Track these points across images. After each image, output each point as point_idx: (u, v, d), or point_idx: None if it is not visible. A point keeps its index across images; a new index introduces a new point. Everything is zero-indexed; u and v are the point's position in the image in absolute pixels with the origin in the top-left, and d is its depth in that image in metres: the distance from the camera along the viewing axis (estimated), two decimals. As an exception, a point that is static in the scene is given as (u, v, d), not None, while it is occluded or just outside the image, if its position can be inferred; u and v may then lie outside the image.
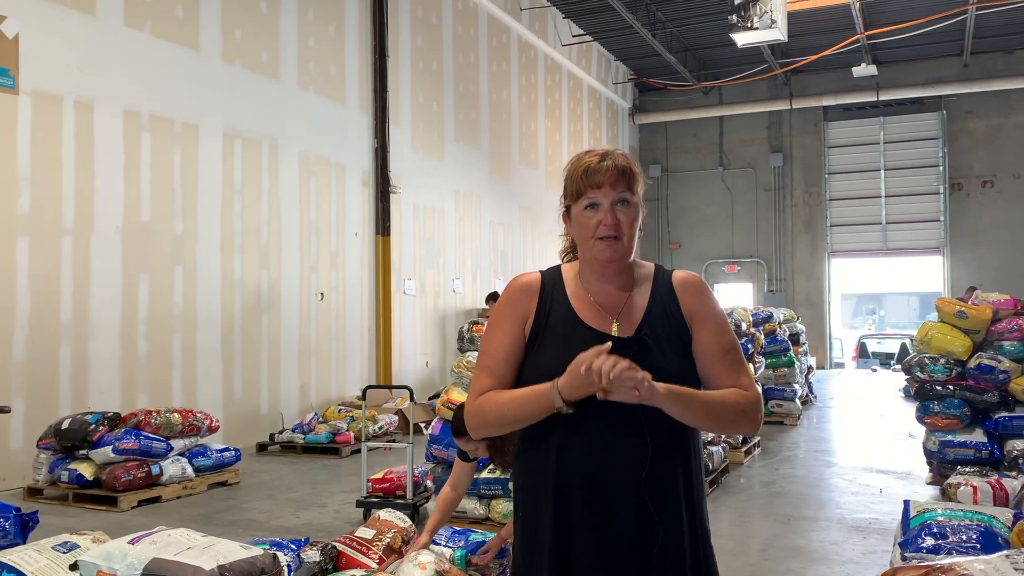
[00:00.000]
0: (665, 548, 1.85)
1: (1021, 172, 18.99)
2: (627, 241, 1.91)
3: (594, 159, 1.93)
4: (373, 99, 11.71)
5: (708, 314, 1.96)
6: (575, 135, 18.19)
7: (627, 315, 1.94)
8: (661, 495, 1.86)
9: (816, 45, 17.19)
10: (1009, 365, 6.62)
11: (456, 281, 13.65)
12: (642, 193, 1.96)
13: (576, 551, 1.87)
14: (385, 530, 4.46)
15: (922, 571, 1.40)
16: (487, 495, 5.64)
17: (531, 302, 1.98)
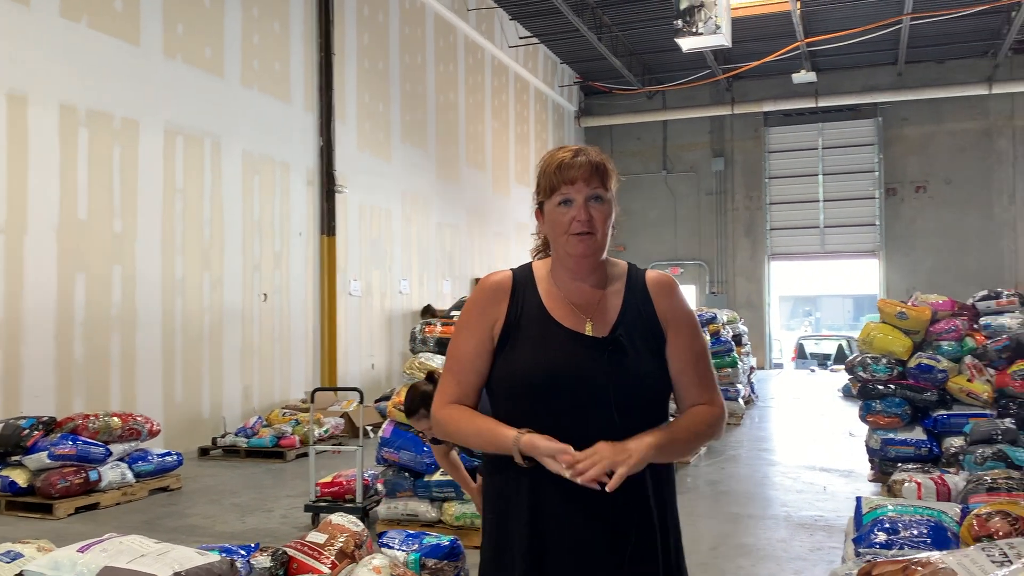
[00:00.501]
0: (638, 548, 1.84)
1: (952, 178, 19.63)
2: (600, 237, 1.89)
3: (567, 155, 1.90)
4: (318, 97, 11.54)
5: (682, 318, 1.95)
6: (522, 137, 18.22)
7: (601, 314, 1.91)
8: (634, 494, 1.84)
9: (758, 52, 17.52)
10: (947, 364, 6.81)
11: (403, 282, 13.54)
12: (616, 190, 1.93)
13: (550, 550, 1.85)
14: (337, 534, 4.37)
15: (900, 566, 1.40)
16: (439, 497, 5.59)
17: (501, 302, 1.94)
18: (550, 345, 1.83)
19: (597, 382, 1.81)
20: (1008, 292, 7.28)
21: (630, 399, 1.84)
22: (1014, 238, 19.21)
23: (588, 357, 1.83)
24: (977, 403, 6.63)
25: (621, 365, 1.82)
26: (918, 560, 1.42)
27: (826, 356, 21.32)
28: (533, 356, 1.84)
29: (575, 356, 1.84)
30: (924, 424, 6.80)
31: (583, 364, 1.83)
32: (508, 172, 17.48)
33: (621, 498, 1.81)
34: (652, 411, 1.91)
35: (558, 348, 1.82)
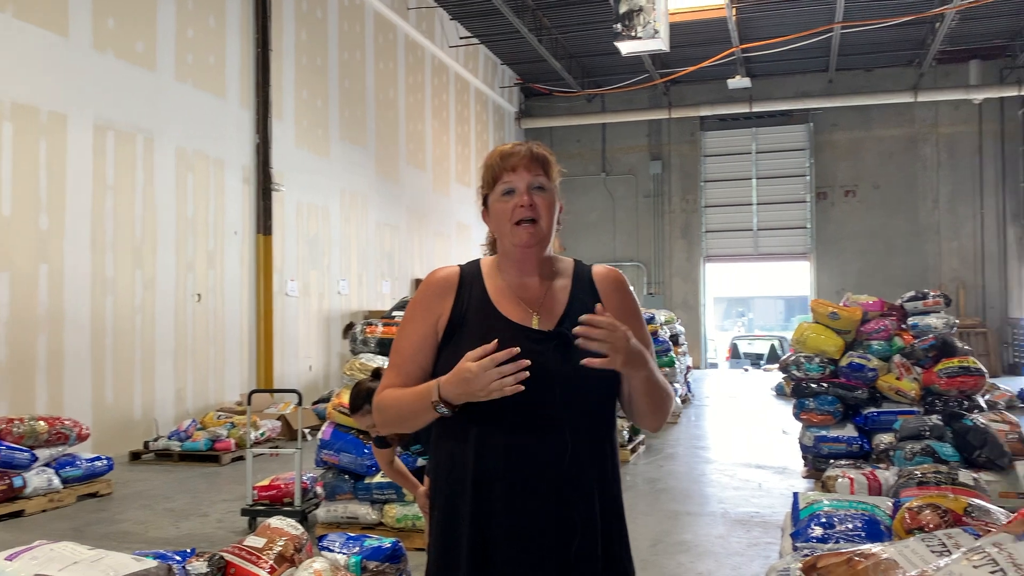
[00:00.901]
0: (583, 544, 1.84)
1: (880, 183, 20.25)
2: (545, 226, 1.90)
3: (509, 146, 1.94)
4: (255, 93, 11.34)
5: (630, 313, 1.96)
6: (462, 137, 18.19)
7: (547, 308, 1.92)
8: (579, 491, 1.84)
9: (694, 57, 17.80)
10: (877, 363, 7.01)
11: (341, 283, 13.38)
12: (558, 184, 1.94)
13: (496, 546, 1.84)
14: (276, 538, 4.29)
15: (844, 558, 1.43)
16: (380, 500, 5.53)
17: (447, 297, 1.94)
18: (493, 338, 1.81)
19: (544, 377, 1.79)
20: (934, 293, 7.53)
21: (576, 393, 1.84)
22: (938, 241, 19.90)
23: (531, 350, 1.79)
24: (905, 400, 6.84)
25: (567, 358, 1.81)
26: (861, 552, 1.45)
27: (759, 356, 21.79)
28: None
29: (523, 349, 1.80)
30: (855, 421, 6.99)
31: (529, 358, 1.79)
32: (449, 172, 17.43)
33: (568, 493, 1.82)
34: (599, 406, 1.91)
35: (504, 343, 1.79)
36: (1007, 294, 19.62)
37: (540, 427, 1.82)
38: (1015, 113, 19.38)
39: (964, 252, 19.83)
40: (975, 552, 1.15)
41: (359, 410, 3.94)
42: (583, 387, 1.85)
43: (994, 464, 4.91)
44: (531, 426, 1.82)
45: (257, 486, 6.00)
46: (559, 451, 1.82)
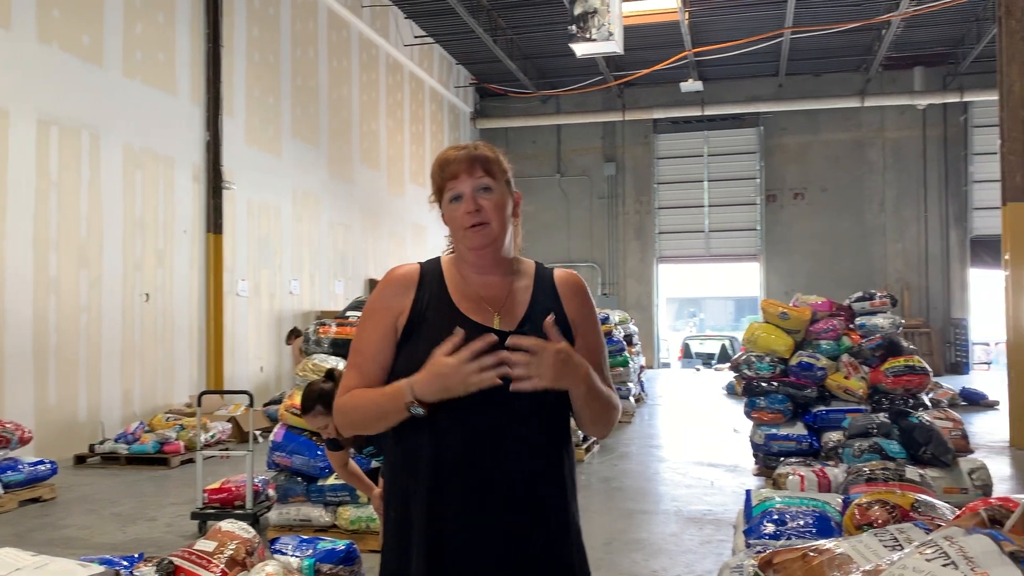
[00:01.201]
0: (542, 544, 1.83)
1: (828, 186, 20.65)
2: (496, 227, 1.88)
3: (451, 152, 1.92)
4: (205, 90, 11.14)
5: (590, 318, 1.98)
6: (417, 136, 18.10)
7: (509, 309, 1.91)
8: (538, 490, 1.84)
9: (648, 60, 17.96)
10: (826, 362, 7.15)
11: (293, 282, 13.22)
12: (508, 181, 1.93)
13: (450, 548, 1.82)
14: (227, 542, 4.22)
15: (799, 554, 1.45)
16: (333, 502, 5.47)
17: (407, 295, 1.92)
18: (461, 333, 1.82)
19: (505, 377, 1.77)
20: (881, 294, 7.71)
21: (536, 393, 1.81)
22: (883, 243, 20.37)
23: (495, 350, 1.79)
24: (853, 399, 6.99)
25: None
26: (815, 547, 1.47)
27: (710, 355, 22.08)
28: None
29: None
30: (805, 419, 7.12)
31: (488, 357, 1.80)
32: (403, 171, 17.33)
33: (526, 494, 1.81)
34: (557, 407, 1.91)
35: (465, 342, 1.79)
36: (949, 295, 20.17)
37: (500, 428, 1.81)
38: (957, 119, 19.92)
39: (908, 254, 20.33)
40: (927, 546, 1.17)
41: (310, 411, 3.87)
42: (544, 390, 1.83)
43: (939, 461, 5.03)
44: (491, 427, 1.81)
45: (207, 489, 5.89)
46: (519, 452, 1.81)
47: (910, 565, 1.13)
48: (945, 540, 1.15)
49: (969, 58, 17.92)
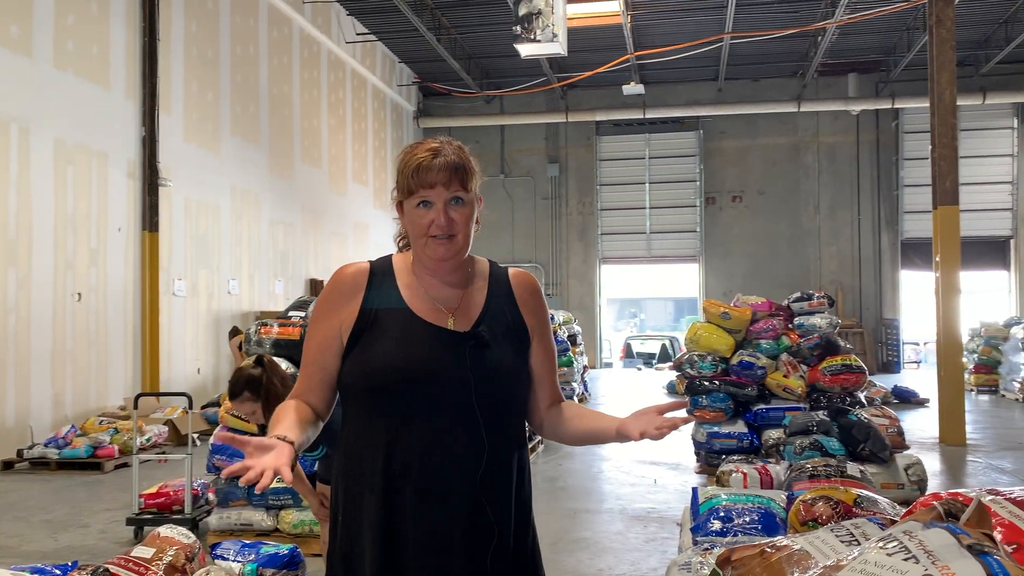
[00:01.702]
0: (498, 550, 1.80)
1: (765, 189, 21.08)
2: (462, 239, 1.84)
3: (426, 156, 1.82)
4: (141, 85, 10.85)
5: (544, 319, 1.99)
6: (359, 134, 17.91)
7: (464, 310, 1.88)
8: (495, 491, 1.81)
9: (591, 62, 18.08)
10: (766, 361, 7.29)
11: (232, 282, 12.96)
12: (478, 188, 1.89)
13: (405, 554, 1.78)
14: (166, 548, 4.10)
15: (757, 550, 1.46)
16: (275, 505, 5.38)
17: (355, 295, 1.87)
18: (410, 340, 1.80)
19: (459, 377, 1.77)
20: (818, 294, 7.88)
21: (492, 395, 1.81)
22: (818, 245, 20.87)
23: (450, 352, 1.79)
24: (792, 397, 7.13)
25: (483, 360, 1.80)
26: (773, 544, 1.48)
27: (651, 355, 22.34)
28: (393, 351, 1.79)
29: (437, 351, 1.80)
30: (746, 418, 7.24)
31: (445, 359, 1.79)
32: (345, 170, 17.13)
33: (483, 497, 1.79)
34: (513, 408, 1.90)
35: (419, 343, 1.79)
36: (881, 296, 20.76)
37: (455, 429, 1.78)
38: (889, 125, 20.52)
39: (842, 256, 20.87)
40: (888, 540, 1.19)
41: (237, 396, 3.88)
42: (499, 390, 1.83)
43: (876, 457, 5.16)
44: (446, 428, 1.78)
45: (144, 494, 5.73)
46: (475, 454, 1.78)
47: (871, 560, 1.14)
48: (904, 535, 1.17)
49: (900, 66, 18.47)
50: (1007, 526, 1.32)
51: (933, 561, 1.07)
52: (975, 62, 18.80)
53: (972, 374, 15.26)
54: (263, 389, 3.86)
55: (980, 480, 7.64)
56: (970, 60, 18.57)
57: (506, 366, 1.84)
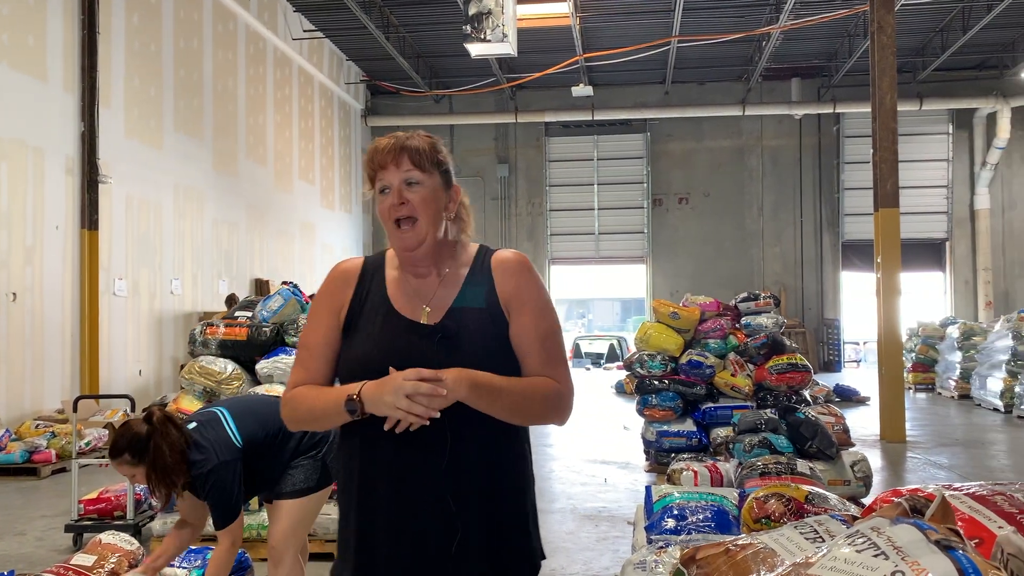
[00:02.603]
0: (465, 541, 1.78)
1: (711, 191, 21.38)
2: (424, 224, 1.83)
3: (382, 140, 1.87)
4: (80, 78, 10.54)
5: (526, 298, 1.89)
6: (306, 132, 17.68)
7: (439, 302, 1.87)
8: (460, 486, 1.79)
9: (540, 63, 18.14)
10: (714, 361, 7.37)
11: (175, 282, 12.67)
12: (446, 172, 1.90)
13: (379, 543, 1.81)
14: (108, 555, 4.00)
15: (722, 548, 1.46)
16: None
17: (347, 289, 1.91)
18: (384, 333, 1.83)
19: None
20: (765, 294, 8.00)
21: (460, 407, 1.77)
22: (762, 247, 21.25)
23: (418, 345, 1.80)
24: (739, 396, 7.23)
25: (452, 352, 1.78)
26: (737, 542, 1.48)
27: (599, 355, 22.48)
28: (371, 344, 1.83)
29: (406, 344, 1.81)
30: (694, 416, 7.31)
31: (413, 352, 1.79)
32: (292, 168, 16.88)
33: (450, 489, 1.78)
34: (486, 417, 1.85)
35: (391, 336, 1.82)
36: (823, 296, 21.22)
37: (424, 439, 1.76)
38: (831, 129, 20.99)
39: (785, 257, 21.27)
40: (856, 537, 1.19)
41: (117, 458, 3.30)
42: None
43: (824, 454, 5.26)
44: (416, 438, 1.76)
45: (84, 499, 5.55)
46: (440, 444, 1.77)
47: (841, 556, 1.15)
48: (872, 531, 1.17)
49: (842, 71, 18.90)
50: (967, 521, 1.34)
51: (903, 557, 1.08)
52: (912, 69, 19.34)
53: (910, 373, 15.69)
54: (148, 454, 3.23)
55: (920, 476, 7.85)
56: (908, 67, 19.10)
57: (477, 357, 1.79)
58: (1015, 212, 20.63)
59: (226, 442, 3.36)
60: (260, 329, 5.58)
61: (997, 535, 1.25)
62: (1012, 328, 12.57)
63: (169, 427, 3.27)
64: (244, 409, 3.57)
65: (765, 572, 1.30)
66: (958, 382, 14.22)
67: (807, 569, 1.16)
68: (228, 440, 3.37)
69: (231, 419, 3.45)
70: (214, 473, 3.26)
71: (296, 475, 3.51)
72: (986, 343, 13.41)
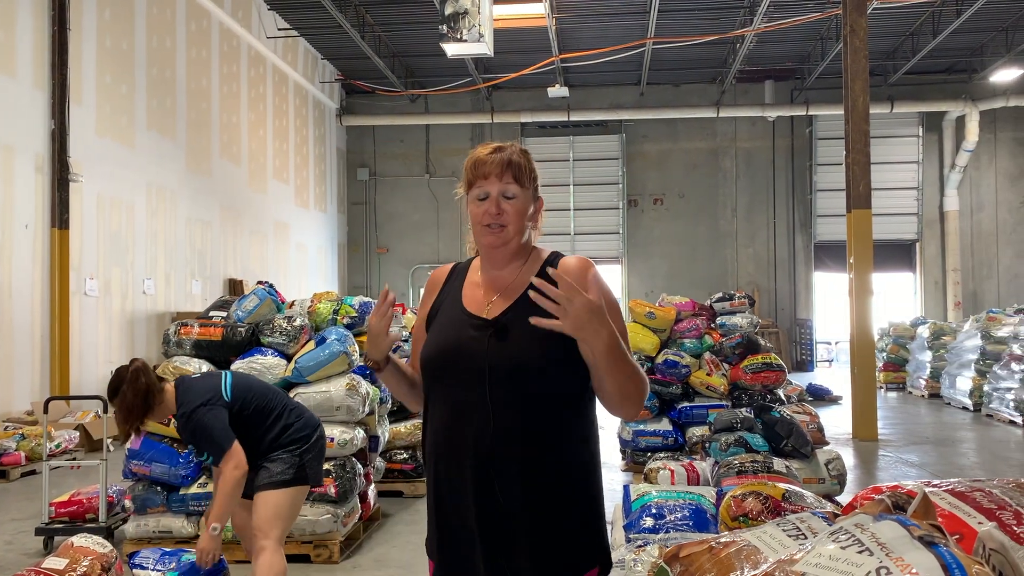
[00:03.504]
0: (507, 513, 1.87)
1: (685, 192, 21.50)
2: (512, 230, 2.02)
3: (485, 151, 2.06)
4: (51, 75, 10.39)
5: None
6: (280, 131, 17.55)
7: (502, 299, 2.02)
8: (504, 476, 1.87)
9: (516, 64, 18.14)
10: (689, 360, 7.41)
11: (147, 282, 12.53)
12: (536, 187, 2.09)
13: (444, 514, 1.98)
14: (80, 558, 3.94)
15: (705, 546, 1.47)
16: (196, 512, 5.20)
17: (434, 292, 2.16)
18: (448, 327, 2.02)
19: (476, 362, 1.91)
20: (739, 294, 8.06)
21: (509, 380, 1.89)
22: (735, 247, 21.41)
23: (472, 338, 1.95)
24: (715, 395, 7.28)
25: (500, 346, 1.91)
26: (720, 539, 1.49)
27: (575, 356, 22.49)
28: (434, 337, 2.04)
29: (462, 337, 1.97)
30: (670, 416, 7.35)
31: (466, 344, 1.95)
32: (266, 167, 16.75)
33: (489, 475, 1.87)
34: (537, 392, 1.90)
35: (452, 330, 2.00)
36: (796, 297, 21.42)
37: (467, 410, 1.92)
38: (803, 131, 21.19)
39: (759, 258, 21.44)
40: (840, 533, 1.20)
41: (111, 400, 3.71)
42: (515, 374, 1.89)
43: (799, 452, 5.30)
44: (460, 409, 1.93)
45: (55, 502, 5.48)
46: (481, 433, 1.88)
47: (826, 553, 1.16)
48: (856, 527, 1.18)
49: (815, 74, 19.09)
50: (947, 517, 1.35)
51: (887, 553, 1.09)
52: (884, 72, 19.58)
53: (881, 372, 15.88)
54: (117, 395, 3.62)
55: (892, 474, 7.94)
56: (879, 70, 19.33)
57: (524, 354, 1.89)
58: (983, 214, 20.95)
59: (215, 390, 3.69)
60: (235, 329, 5.53)
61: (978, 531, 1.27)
62: (980, 328, 12.77)
63: (139, 375, 3.61)
64: (245, 380, 3.90)
65: (749, 569, 1.31)
66: (928, 381, 14.41)
67: (792, 566, 1.17)
68: (218, 390, 3.70)
69: (230, 380, 3.80)
70: (196, 413, 3.58)
71: (273, 467, 3.70)
72: (955, 343, 13.61)
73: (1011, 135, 20.76)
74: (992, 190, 20.93)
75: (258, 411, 3.74)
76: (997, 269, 20.91)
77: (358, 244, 21.85)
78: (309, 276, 18.94)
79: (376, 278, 21.72)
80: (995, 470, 8.20)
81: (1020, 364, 11.07)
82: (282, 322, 5.51)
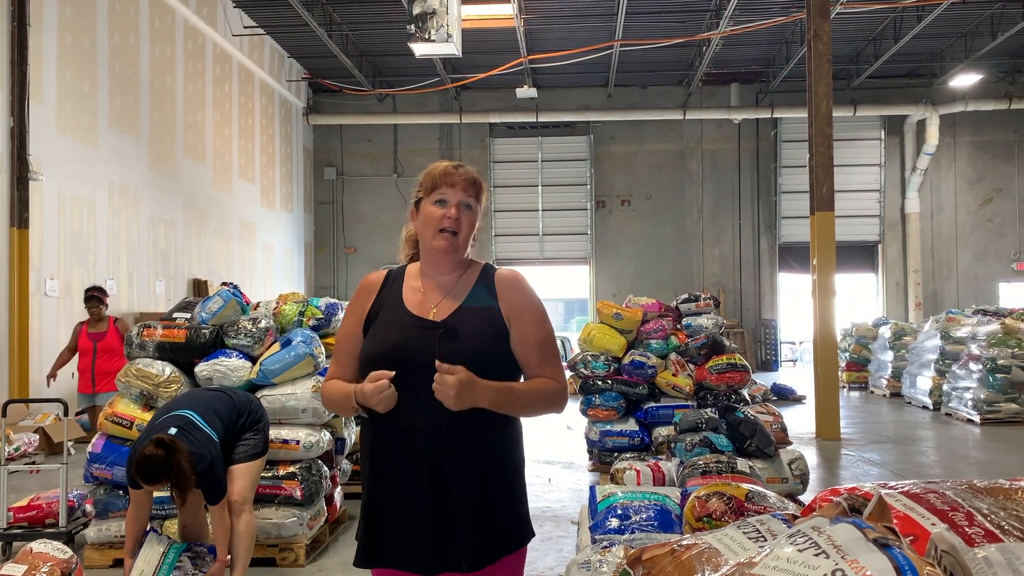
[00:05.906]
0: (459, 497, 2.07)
1: (652, 193, 21.65)
2: (462, 239, 2.22)
3: (452, 165, 2.26)
4: (9, 72, 10.20)
5: (525, 309, 2.25)
6: (246, 130, 17.38)
7: (447, 304, 2.21)
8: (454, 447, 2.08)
9: (484, 64, 18.15)
10: (656, 361, 7.47)
11: (110, 282, 12.33)
12: (483, 206, 2.29)
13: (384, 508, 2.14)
14: (40, 564, 3.88)
15: (667, 549, 1.48)
16: (159, 515, 5.13)
17: (370, 296, 2.29)
18: (393, 328, 2.17)
19: (425, 361, 2.05)
20: (705, 296, 8.14)
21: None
22: (701, 248, 21.61)
23: (421, 338, 2.12)
24: (681, 395, 7.34)
25: (450, 346, 2.08)
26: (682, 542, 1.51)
27: (543, 356, 22.54)
28: (379, 337, 2.18)
29: (410, 337, 2.14)
30: (637, 416, 7.40)
31: (415, 344, 2.11)
32: (231, 166, 16.58)
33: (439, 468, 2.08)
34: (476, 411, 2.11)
35: (399, 330, 2.15)
36: (760, 297, 21.66)
37: (418, 407, 2.08)
38: (768, 133, 21.44)
39: (724, 259, 21.66)
40: (797, 536, 1.22)
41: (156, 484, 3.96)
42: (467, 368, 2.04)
43: (762, 452, 5.37)
44: (412, 406, 2.08)
45: (13, 507, 5.38)
46: (432, 428, 2.07)
47: (783, 556, 1.18)
48: (813, 530, 1.21)
49: (779, 77, 19.33)
50: (902, 518, 1.39)
51: (842, 556, 1.11)
52: (847, 76, 19.89)
53: (844, 372, 16.11)
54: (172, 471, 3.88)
55: (854, 472, 8.07)
56: (842, 74, 19.63)
57: (472, 354, 2.08)
58: (943, 216, 21.35)
59: (209, 441, 4.06)
60: (199, 331, 5.47)
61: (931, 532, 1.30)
62: (940, 328, 13.00)
63: (178, 444, 3.89)
64: (207, 409, 4.25)
65: (710, 572, 1.33)
66: (890, 380, 14.65)
67: (750, 569, 1.19)
68: (210, 439, 4.08)
69: (202, 421, 4.14)
70: (212, 468, 4.00)
71: (246, 445, 4.33)
72: (916, 343, 13.85)
73: (970, 139, 21.18)
74: (952, 193, 21.34)
75: (227, 426, 4.29)
76: (956, 270, 21.32)
77: (325, 244, 21.71)
78: (275, 277, 18.78)
79: (344, 278, 21.60)
80: (954, 468, 8.37)
81: (977, 364, 11.30)
82: (247, 324, 5.46)
